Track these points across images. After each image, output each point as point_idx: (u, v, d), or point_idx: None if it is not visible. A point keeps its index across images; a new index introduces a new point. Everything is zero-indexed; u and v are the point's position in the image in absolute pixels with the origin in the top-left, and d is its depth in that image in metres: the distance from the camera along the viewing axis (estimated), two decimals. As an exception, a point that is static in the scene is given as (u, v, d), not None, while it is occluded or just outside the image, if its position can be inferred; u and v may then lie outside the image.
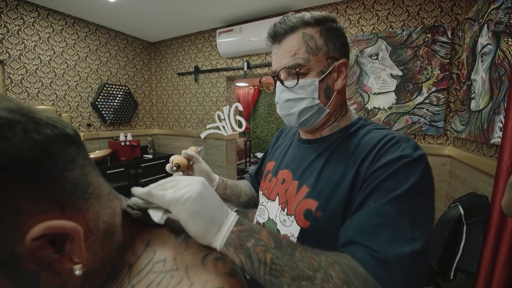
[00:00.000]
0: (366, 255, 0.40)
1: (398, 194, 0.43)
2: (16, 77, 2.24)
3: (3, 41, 2.14)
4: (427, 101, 1.84)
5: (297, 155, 0.67)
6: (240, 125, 2.75)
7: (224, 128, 2.81)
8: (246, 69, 2.68)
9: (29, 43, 2.30)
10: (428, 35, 1.79)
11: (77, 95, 2.71)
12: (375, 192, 0.45)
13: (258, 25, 2.42)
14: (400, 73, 1.90)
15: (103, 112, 2.86)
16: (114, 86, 2.97)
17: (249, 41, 2.47)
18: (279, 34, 0.58)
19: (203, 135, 2.99)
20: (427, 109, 1.84)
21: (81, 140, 0.31)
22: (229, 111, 2.76)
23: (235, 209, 0.55)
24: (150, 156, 3.08)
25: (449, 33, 1.74)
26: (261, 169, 0.88)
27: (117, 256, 0.32)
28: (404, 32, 1.86)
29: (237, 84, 5.94)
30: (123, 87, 3.06)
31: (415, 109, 1.88)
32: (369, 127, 0.59)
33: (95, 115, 2.87)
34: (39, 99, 2.41)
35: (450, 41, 1.75)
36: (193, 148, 0.73)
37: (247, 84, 6.08)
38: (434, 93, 1.82)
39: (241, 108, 2.80)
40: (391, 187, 0.44)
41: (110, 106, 2.94)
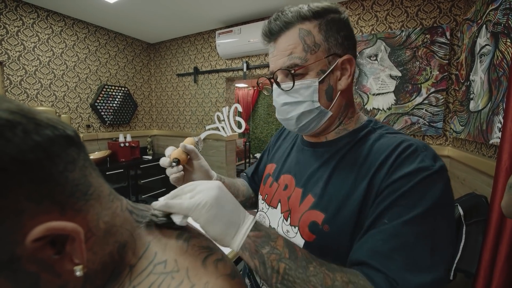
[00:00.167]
0: (384, 281, 0.37)
1: (417, 214, 0.39)
2: (15, 78, 2.24)
3: (2, 43, 2.14)
4: (426, 102, 1.84)
5: (301, 160, 0.62)
6: (240, 126, 2.74)
7: (224, 129, 2.79)
8: (246, 70, 2.69)
9: (28, 44, 2.30)
10: (427, 36, 1.80)
11: (77, 96, 2.71)
12: (391, 209, 0.41)
13: (258, 26, 2.43)
14: (399, 74, 1.90)
15: (103, 113, 2.86)
16: (114, 87, 2.97)
17: (249, 42, 2.48)
18: (274, 32, 0.53)
19: (203, 136, 2.98)
20: (426, 110, 1.85)
21: (82, 141, 0.31)
22: (229, 112, 2.74)
23: None
24: (150, 157, 3.08)
25: (448, 34, 1.75)
26: (259, 170, 0.84)
27: (118, 257, 0.32)
28: (403, 33, 1.87)
29: (237, 85, 5.94)
30: (123, 88, 3.06)
31: (414, 110, 1.88)
32: (381, 131, 0.53)
33: (95, 116, 2.87)
34: (39, 100, 2.40)
35: (449, 42, 1.75)
36: (190, 140, 0.66)
37: (247, 85, 6.08)
38: (433, 94, 1.82)
39: (241, 109, 2.79)
40: (409, 205, 0.40)
41: (110, 107, 2.94)
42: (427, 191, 0.40)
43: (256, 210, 0.76)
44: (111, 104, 2.95)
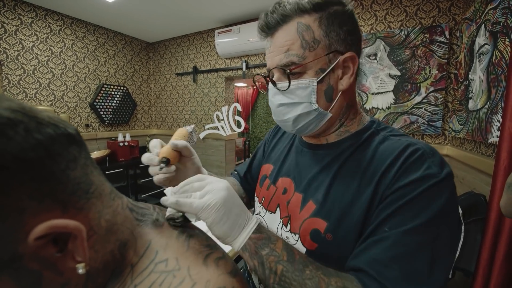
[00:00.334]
0: None
1: (420, 224, 0.38)
2: (14, 78, 2.23)
3: (1, 42, 2.13)
4: (425, 101, 1.85)
5: (300, 162, 0.58)
6: (239, 125, 2.75)
7: (223, 128, 2.81)
8: (245, 69, 2.69)
9: (27, 44, 2.29)
10: (426, 35, 1.80)
11: (75, 96, 2.70)
12: (393, 218, 0.40)
13: (257, 26, 2.43)
14: (398, 73, 1.91)
15: (102, 113, 2.86)
16: (113, 87, 2.96)
17: (248, 41, 2.47)
18: (271, 26, 0.49)
19: (202, 135, 2.98)
20: (425, 109, 1.85)
21: (83, 140, 0.31)
22: (228, 111, 2.76)
23: None
24: (149, 157, 3.07)
25: (447, 33, 1.75)
26: (252, 169, 0.78)
27: (119, 256, 0.32)
28: (402, 32, 1.87)
29: (236, 84, 5.94)
30: (122, 88, 3.06)
31: (413, 109, 1.88)
32: (384, 133, 0.50)
33: (94, 116, 2.87)
34: (37, 100, 2.40)
35: (448, 41, 1.76)
36: (183, 131, 0.57)
37: (246, 84, 6.08)
38: (432, 93, 1.82)
39: (240, 108, 2.81)
40: (412, 214, 0.39)
41: (109, 107, 2.93)
42: (432, 200, 0.39)
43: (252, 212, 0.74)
44: (110, 104, 2.95)
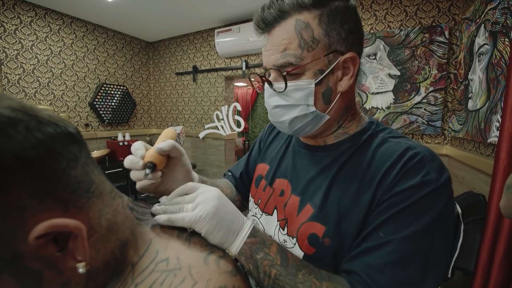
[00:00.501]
0: None
1: (415, 231, 0.38)
2: (13, 77, 2.22)
3: (0, 41, 2.13)
4: (425, 101, 1.85)
5: (298, 164, 0.57)
6: (239, 125, 2.75)
7: (223, 128, 2.81)
8: (245, 69, 2.68)
9: (26, 43, 2.28)
10: (426, 35, 1.80)
11: (75, 95, 2.70)
12: (389, 224, 0.40)
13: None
14: (398, 73, 1.91)
15: (101, 112, 2.85)
16: (112, 86, 2.96)
17: (248, 41, 2.47)
18: (267, 23, 0.46)
19: (202, 135, 2.98)
20: (425, 109, 1.85)
21: (83, 139, 0.31)
22: (228, 111, 2.75)
23: None
24: (149, 156, 3.07)
25: (447, 33, 1.75)
26: (249, 167, 0.76)
27: (120, 255, 0.32)
28: (402, 32, 1.87)
29: (236, 84, 5.93)
30: (121, 87, 3.05)
31: (413, 109, 1.89)
32: (383, 135, 0.49)
33: (93, 115, 2.86)
34: (37, 99, 2.39)
35: (448, 41, 1.76)
36: (170, 132, 0.51)
37: (246, 84, 6.08)
38: (432, 93, 1.83)
39: (240, 108, 2.80)
40: (409, 221, 0.39)
41: (108, 106, 2.93)
42: (429, 208, 0.39)
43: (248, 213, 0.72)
44: (110, 103, 2.94)
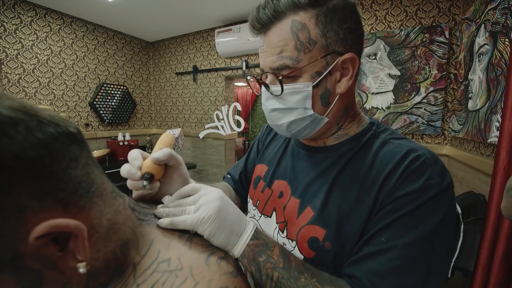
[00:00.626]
0: None
1: (418, 237, 0.38)
2: (14, 77, 2.23)
3: (0, 41, 2.13)
4: (425, 101, 1.85)
5: (297, 165, 0.55)
6: (239, 125, 2.75)
7: (223, 128, 2.81)
8: (245, 69, 2.69)
9: (27, 42, 2.28)
10: (426, 35, 1.80)
11: (75, 95, 2.70)
12: (392, 228, 0.39)
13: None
14: (398, 73, 1.91)
15: (101, 112, 2.85)
16: (112, 86, 2.96)
17: (248, 41, 2.47)
18: (263, 24, 0.44)
19: (202, 135, 2.98)
20: (425, 109, 1.85)
21: (84, 139, 0.31)
22: (228, 111, 2.75)
23: None
24: (149, 156, 3.07)
25: (447, 33, 1.75)
26: (247, 168, 0.74)
27: (121, 255, 0.32)
28: (402, 32, 1.87)
29: (236, 84, 5.93)
30: (121, 87, 3.05)
31: (413, 109, 1.89)
32: (385, 136, 0.48)
33: (93, 115, 2.86)
34: (37, 99, 2.39)
35: (448, 41, 1.76)
36: (168, 138, 0.48)
37: (246, 84, 6.08)
38: (432, 93, 1.83)
39: (240, 108, 2.80)
40: (411, 226, 0.38)
41: (108, 106, 2.93)
42: (431, 213, 0.38)
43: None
44: (110, 103, 2.94)
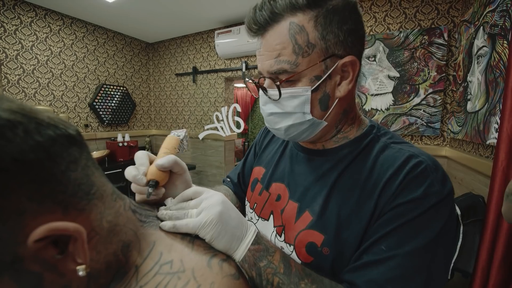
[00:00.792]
0: None
1: (419, 246, 0.37)
2: (13, 77, 2.22)
3: (0, 41, 2.13)
4: (424, 103, 1.85)
5: (295, 168, 0.54)
6: (239, 126, 2.75)
7: (223, 129, 2.81)
8: (245, 70, 2.69)
9: (26, 43, 2.28)
10: (425, 37, 1.81)
11: (75, 96, 2.69)
12: (392, 237, 0.39)
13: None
14: (397, 75, 1.91)
15: (101, 113, 2.85)
16: (112, 87, 2.96)
17: (248, 42, 2.48)
18: (260, 25, 0.42)
19: (202, 136, 2.98)
20: (424, 110, 1.86)
21: (84, 141, 0.31)
22: (228, 112, 2.75)
23: None
24: (148, 157, 3.07)
25: (446, 35, 1.76)
26: (245, 171, 0.74)
27: (122, 256, 0.32)
28: (401, 34, 1.88)
29: (236, 85, 5.93)
30: (121, 88, 3.05)
31: (412, 110, 1.89)
32: (385, 140, 0.47)
33: (93, 116, 2.86)
34: (36, 100, 2.39)
35: (447, 43, 1.76)
36: (173, 141, 0.48)
37: (245, 85, 6.08)
38: (431, 95, 1.83)
39: (240, 109, 2.80)
40: (411, 234, 0.38)
41: (108, 107, 2.93)
42: (432, 221, 0.38)
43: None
44: (110, 104, 2.94)
